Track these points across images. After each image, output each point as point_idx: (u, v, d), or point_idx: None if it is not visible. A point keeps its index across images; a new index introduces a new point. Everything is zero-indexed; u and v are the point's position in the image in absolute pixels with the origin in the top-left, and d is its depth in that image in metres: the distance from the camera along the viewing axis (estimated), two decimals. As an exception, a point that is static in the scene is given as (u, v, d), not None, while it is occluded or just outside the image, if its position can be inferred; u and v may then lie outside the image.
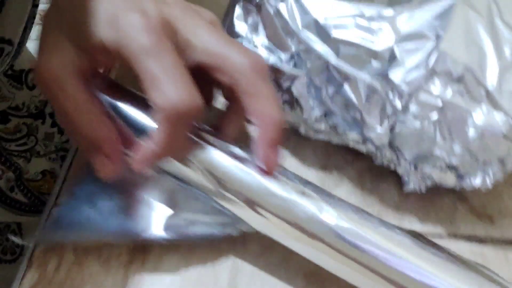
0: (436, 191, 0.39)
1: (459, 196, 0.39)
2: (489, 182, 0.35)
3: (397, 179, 0.39)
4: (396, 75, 0.33)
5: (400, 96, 0.33)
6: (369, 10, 0.35)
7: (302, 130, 0.40)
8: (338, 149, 0.41)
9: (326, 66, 0.35)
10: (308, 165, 0.41)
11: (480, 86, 0.32)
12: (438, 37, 0.33)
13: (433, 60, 0.32)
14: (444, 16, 0.33)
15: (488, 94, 0.32)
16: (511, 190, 0.39)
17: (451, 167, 0.35)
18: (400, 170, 0.38)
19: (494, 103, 0.32)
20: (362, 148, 0.38)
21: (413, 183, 0.37)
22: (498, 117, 0.32)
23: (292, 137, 0.43)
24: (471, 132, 0.32)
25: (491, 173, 0.34)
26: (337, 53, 0.35)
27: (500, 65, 0.32)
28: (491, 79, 0.32)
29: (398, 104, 0.33)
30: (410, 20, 0.34)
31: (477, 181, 0.35)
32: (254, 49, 0.39)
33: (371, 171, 0.41)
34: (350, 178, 0.41)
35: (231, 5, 0.41)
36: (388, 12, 0.34)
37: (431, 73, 0.32)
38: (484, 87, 0.32)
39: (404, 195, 0.40)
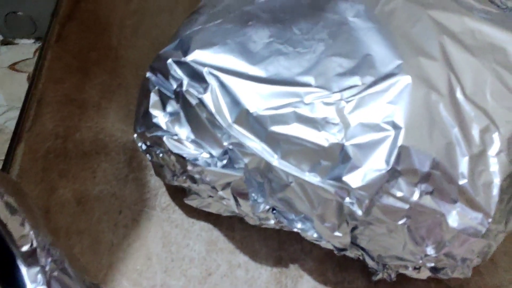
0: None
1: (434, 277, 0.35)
2: (468, 272, 0.30)
3: (364, 265, 0.34)
4: (352, 178, 0.27)
5: (359, 201, 0.27)
6: (309, 96, 0.29)
7: (249, 220, 0.34)
8: (293, 235, 0.36)
9: (267, 163, 0.29)
10: (260, 260, 0.36)
11: (451, 183, 0.27)
12: (395, 127, 0.27)
13: (394, 157, 0.27)
14: (399, 100, 0.28)
15: (461, 191, 0.27)
16: (491, 264, 0.35)
17: (425, 266, 0.30)
18: (367, 262, 0.32)
19: (469, 201, 0.27)
20: (320, 243, 0.32)
21: (381, 274, 0.32)
22: (475, 217, 0.27)
23: (238, 227, 0.37)
24: (446, 236, 0.27)
25: (471, 265, 0.30)
26: (277, 151, 0.29)
27: (470, 153, 0.27)
28: (463, 171, 0.27)
29: (358, 210, 0.28)
30: (360, 107, 0.28)
31: (455, 274, 0.30)
32: (179, 143, 0.32)
33: (333, 259, 0.35)
34: (309, 271, 0.35)
35: (142, 89, 0.34)
36: (332, 97, 0.29)
37: (393, 173, 0.27)
38: (456, 183, 0.27)
39: (373, 283, 0.35)
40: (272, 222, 0.32)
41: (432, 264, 0.29)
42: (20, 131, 0.42)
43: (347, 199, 0.27)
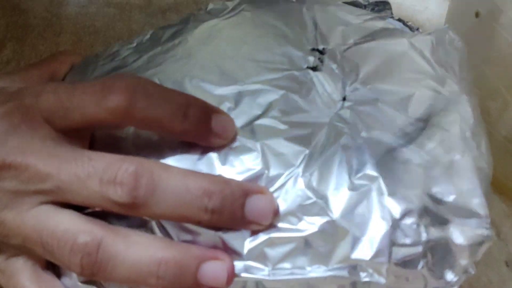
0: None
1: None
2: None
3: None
4: (361, 251, 0.24)
5: (378, 270, 0.24)
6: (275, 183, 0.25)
7: None
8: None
9: (258, 282, 0.25)
10: None
11: (443, 204, 0.26)
12: (371, 179, 0.25)
13: (388, 209, 0.25)
14: (356, 148, 0.26)
15: (454, 207, 0.26)
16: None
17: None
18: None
19: (463, 213, 0.26)
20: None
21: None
22: (476, 224, 0.26)
23: None
24: (459, 256, 0.26)
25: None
26: (266, 262, 0.25)
27: (443, 167, 0.26)
28: (447, 188, 0.26)
29: (380, 278, 0.25)
30: (324, 171, 0.25)
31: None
32: None
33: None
34: None
35: None
36: (296, 173, 0.25)
37: (395, 225, 0.25)
38: (447, 202, 0.26)
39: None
40: None
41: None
42: None
43: (364, 274, 0.24)
